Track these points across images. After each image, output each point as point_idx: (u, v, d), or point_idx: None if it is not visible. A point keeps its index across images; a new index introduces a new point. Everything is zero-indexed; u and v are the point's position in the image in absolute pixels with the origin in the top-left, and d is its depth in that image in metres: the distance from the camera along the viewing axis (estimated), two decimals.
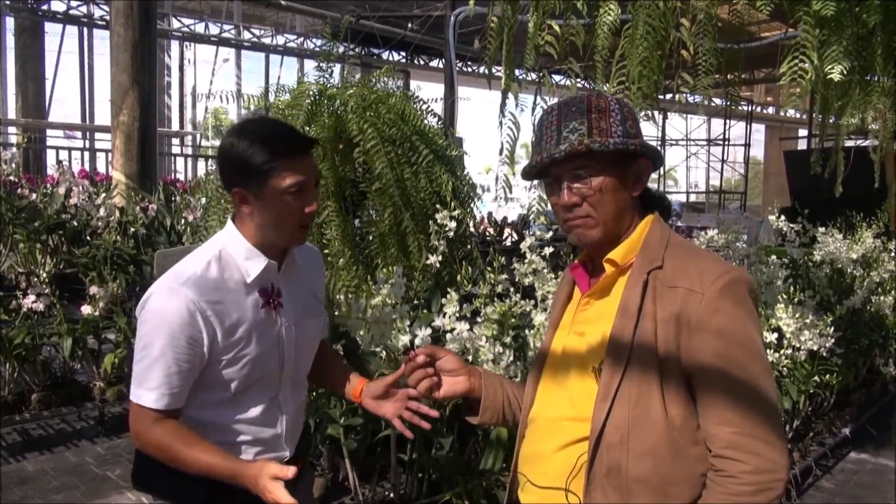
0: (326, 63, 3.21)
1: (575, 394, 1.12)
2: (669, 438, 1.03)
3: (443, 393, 1.29)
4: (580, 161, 1.10)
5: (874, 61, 2.40)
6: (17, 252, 5.30)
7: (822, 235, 4.53)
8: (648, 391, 1.04)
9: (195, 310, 1.23)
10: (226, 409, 1.33)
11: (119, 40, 7.01)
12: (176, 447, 1.23)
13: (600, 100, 1.13)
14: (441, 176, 3.10)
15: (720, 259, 1.13)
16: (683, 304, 1.04)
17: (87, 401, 3.95)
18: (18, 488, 3.18)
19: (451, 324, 2.30)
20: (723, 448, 1.01)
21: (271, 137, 1.28)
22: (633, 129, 1.13)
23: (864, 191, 4.15)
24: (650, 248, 1.11)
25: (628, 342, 1.06)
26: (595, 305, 1.15)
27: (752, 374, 1.02)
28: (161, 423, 1.25)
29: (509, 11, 2.63)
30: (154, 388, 1.24)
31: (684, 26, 2.28)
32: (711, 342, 1.02)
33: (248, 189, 1.28)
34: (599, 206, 1.11)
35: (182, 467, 1.24)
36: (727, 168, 20.50)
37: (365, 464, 2.69)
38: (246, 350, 1.30)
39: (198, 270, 1.28)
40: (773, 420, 1.03)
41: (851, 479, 3.65)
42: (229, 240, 1.34)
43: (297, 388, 1.46)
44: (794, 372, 3.20)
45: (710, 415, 1.03)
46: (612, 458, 1.05)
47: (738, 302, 1.04)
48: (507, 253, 2.93)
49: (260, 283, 1.33)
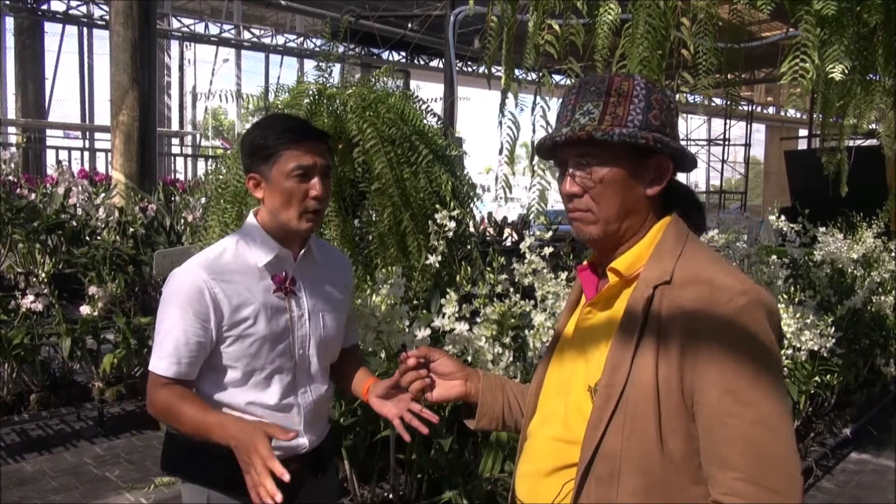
0: (326, 63, 3.20)
1: (570, 412, 1.02)
2: (665, 476, 0.91)
3: (436, 395, 1.24)
4: (585, 148, 0.99)
5: (875, 61, 2.39)
6: (16, 252, 5.29)
7: (822, 235, 4.53)
8: (645, 422, 0.92)
9: (203, 287, 1.33)
10: (238, 391, 1.39)
11: (119, 40, 7.01)
12: (175, 404, 1.31)
13: (625, 82, 1.00)
14: (441, 176, 3.09)
15: (739, 274, 0.96)
16: (689, 326, 0.91)
17: (85, 401, 3.95)
18: (17, 489, 3.17)
19: (450, 324, 2.29)
20: (722, 494, 0.88)
21: (281, 126, 1.39)
22: (658, 120, 0.99)
23: (865, 191, 4.15)
24: (660, 259, 0.98)
25: (626, 366, 0.94)
26: (597, 317, 1.04)
27: (762, 413, 0.88)
28: (168, 387, 1.34)
29: (509, 11, 2.62)
30: (165, 356, 1.33)
31: (685, 26, 2.28)
32: (717, 373, 0.89)
33: (260, 173, 1.38)
34: (601, 200, 0.99)
35: (182, 427, 1.31)
36: (727, 168, 20.50)
37: (364, 464, 2.68)
38: (253, 329, 1.36)
39: (213, 254, 1.39)
40: (785, 466, 0.87)
41: (852, 479, 3.64)
42: (248, 228, 1.44)
43: (317, 381, 1.49)
44: (794, 372, 3.20)
45: (711, 455, 0.90)
46: (600, 493, 0.94)
47: (753, 328, 0.90)
48: (506, 253, 2.92)
49: (272, 270, 1.40)
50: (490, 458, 2.37)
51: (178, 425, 1.33)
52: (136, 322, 3.92)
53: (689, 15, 2.27)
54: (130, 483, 3.23)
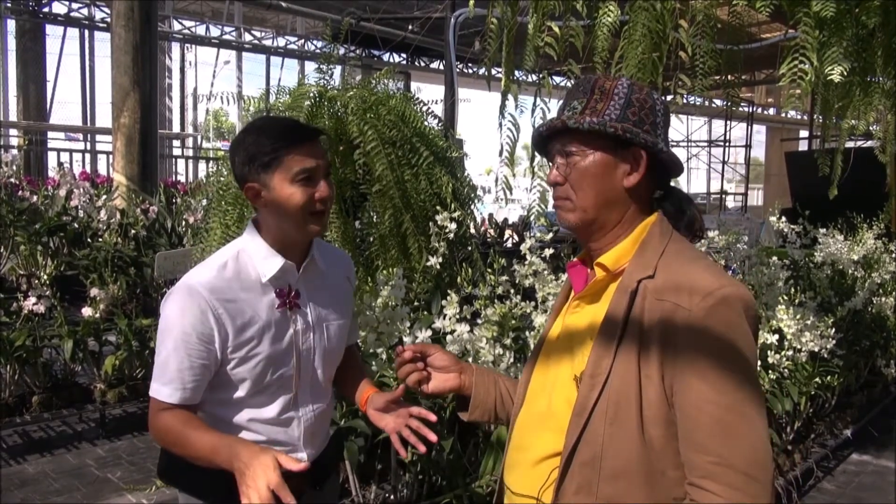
0: (327, 65, 3.21)
1: (556, 401, 1.06)
2: (645, 461, 0.96)
3: (432, 388, 1.27)
4: (566, 138, 1.07)
5: (875, 62, 2.40)
6: (17, 254, 5.30)
7: (823, 237, 4.53)
8: (627, 410, 0.97)
9: (207, 308, 1.26)
10: (241, 409, 1.35)
11: (120, 42, 7.02)
12: (178, 429, 1.27)
13: (608, 82, 1.07)
14: (441, 177, 3.10)
15: (718, 271, 1.01)
16: (669, 319, 0.96)
17: (87, 403, 3.96)
18: (19, 490, 3.18)
19: (451, 325, 2.30)
20: (698, 477, 0.93)
21: (276, 129, 1.32)
22: (636, 116, 1.05)
23: (866, 192, 4.15)
24: (645, 254, 1.03)
25: (610, 356, 0.99)
26: (584, 310, 1.09)
27: (736, 400, 0.93)
28: (170, 411, 1.28)
29: (509, 13, 2.63)
30: (168, 382, 1.28)
31: (683, 28, 2.28)
32: (694, 363, 0.94)
33: (259, 181, 1.30)
34: (578, 189, 1.06)
35: (185, 452, 1.26)
36: (728, 169, 20.50)
37: (365, 466, 2.69)
38: (257, 349, 1.31)
39: (213, 270, 1.31)
40: (759, 452, 0.93)
41: (853, 480, 3.65)
42: (248, 241, 1.36)
43: (319, 394, 1.45)
44: (795, 373, 3.20)
45: (687, 440, 0.95)
46: (583, 476, 0.99)
47: (729, 321, 0.95)
48: (507, 254, 2.92)
49: (276, 284, 1.34)
50: (491, 459, 2.38)
51: (181, 451, 1.27)
52: (137, 324, 3.92)
53: (688, 17, 2.28)
54: (132, 484, 3.24)
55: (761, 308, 3.24)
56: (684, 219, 1.11)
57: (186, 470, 1.33)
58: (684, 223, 1.10)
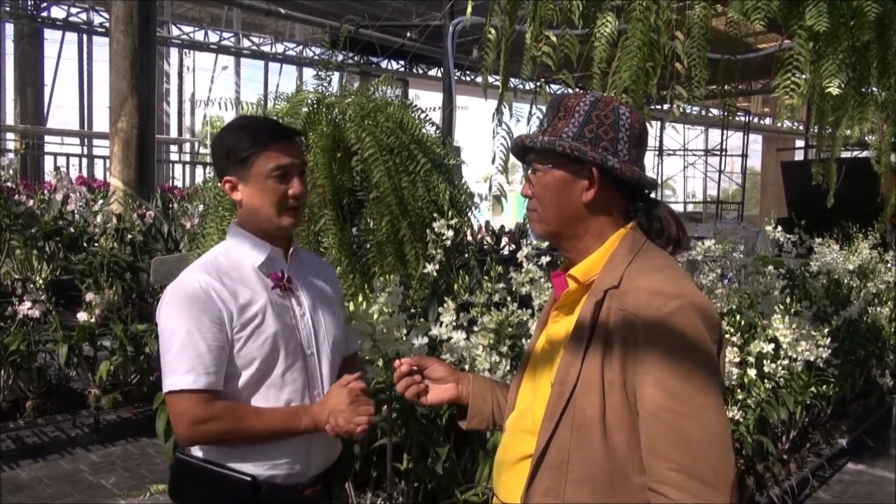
0: (325, 71, 3.22)
1: (536, 406, 1.10)
2: (609, 466, 0.99)
3: (430, 399, 1.30)
4: (532, 154, 1.13)
5: (869, 74, 2.41)
6: (13, 258, 5.28)
7: (818, 246, 4.54)
8: (591, 416, 1.00)
9: (209, 288, 1.31)
10: (254, 396, 1.37)
11: (118, 47, 7.02)
12: (233, 415, 1.30)
13: (572, 100, 1.11)
14: (439, 185, 3.10)
15: (681, 280, 1.03)
16: (629, 327, 0.99)
17: (82, 408, 3.94)
18: (13, 496, 3.16)
19: (447, 333, 2.30)
20: (656, 483, 0.95)
21: (255, 127, 1.40)
22: (593, 133, 1.07)
23: (861, 202, 4.17)
24: (612, 266, 1.06)
25: (578, 363, 1.02)
26: (563, 320, 1.13)
27: (694, 408, 0.94)
28: (209, 406, 1.27)
29: (507, 22, 2.64)
30: (189, 370, 1.27)
31: (679, 39, 2.30)
32: (652, 371, 0.96)
33: (237, 176, 1.38)
34: (541, 203, 1.11)
35: (245, 434, 1.30)
36: (724, 178, 20.56)
37: (361, 473, 2.68)
38: (263, 326, 1.35)
39: (209, 259, 1.39)
40: (717, 460, 0.94)
41: (849, 490, 3.65)
42: (233, 235, 1.44)
43: (329, 383, 1.47)
44: (790, 382, 3.20)
45: (647, 447, 0.97)
46: (551, 479, 1.02)
47: (686, 329, 0.97)
48: (504, 262, 2.93)
49: (268, 269, 1.40)
50: (486, 468, 2.37)
51: (237, 435, 1.29)
52: (133, 329, 3.91)
53: (684, 28, 2.29)
54: (126, 490, 3.23)
55: (757, 317, 3.24)
56: (654, 230, 1.12)
57: (197, 487, 1.36)
58: (655, 234, 1.12)
